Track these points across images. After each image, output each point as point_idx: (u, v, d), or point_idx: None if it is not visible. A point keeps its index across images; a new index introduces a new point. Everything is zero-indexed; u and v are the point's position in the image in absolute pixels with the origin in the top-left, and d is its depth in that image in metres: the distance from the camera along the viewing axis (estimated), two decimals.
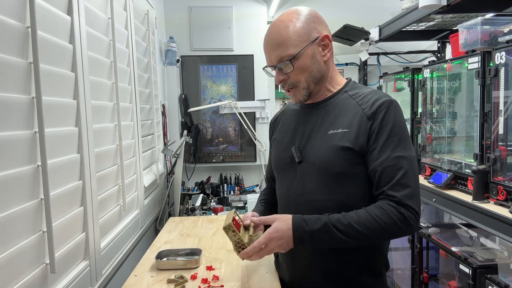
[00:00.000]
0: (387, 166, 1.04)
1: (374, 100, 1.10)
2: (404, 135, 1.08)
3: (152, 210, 2.34)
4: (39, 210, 1.02)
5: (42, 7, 1.07)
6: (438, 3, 1.59)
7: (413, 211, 1.02)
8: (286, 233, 1.06)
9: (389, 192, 1.03)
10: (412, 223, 1.03)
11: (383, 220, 1.02)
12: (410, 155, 1.07)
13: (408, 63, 2.74)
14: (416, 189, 1.05)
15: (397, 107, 1.10)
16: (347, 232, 1.02)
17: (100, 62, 1.51)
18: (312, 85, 1.15)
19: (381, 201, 1.04)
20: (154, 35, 2.61)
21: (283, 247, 1.07)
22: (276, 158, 1.28)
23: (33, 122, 1.00)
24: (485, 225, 1.34)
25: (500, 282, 1.31)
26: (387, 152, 1.05)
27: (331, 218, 1.04)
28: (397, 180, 1.03)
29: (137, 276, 1.45)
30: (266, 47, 1.16)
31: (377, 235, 1.04)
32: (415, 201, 1.03)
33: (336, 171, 1.09)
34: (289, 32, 1.11)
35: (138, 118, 2.00)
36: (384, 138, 1.06)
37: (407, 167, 1.04)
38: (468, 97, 1.66)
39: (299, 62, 1.11)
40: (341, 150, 1.08)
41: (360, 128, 1.08)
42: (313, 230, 1.04)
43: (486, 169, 1.41)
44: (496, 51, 1.35)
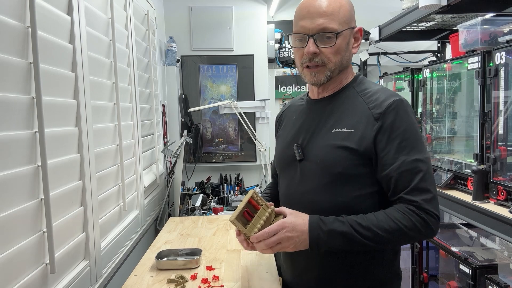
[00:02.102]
0: (403, 170, 0.99)
1: (382, 100, 1.04)
2: (418, 136, 1.03)
3: (152, 210, 2.34)
4: (39, 210, 1.02)
5: (42, 7, 1.07)
6: (438, 3, 1.59)
7: (433, 215, 0.99)
8: (299, 227, 1.00)
9: (408, 197, 0.99)
10: (433, 227, 0.99)
11: (403, 223, 0.97)
12: (426, 157, 1.02)
13: (408, 63, 2.74)
14: (435, 192, 1.01)
15: (407, 106, 1.05)
16: (366, 235, 0.97)
17: (100, 62, 1.51)
18: (337, 71, 1.09)
19: (400, 205, 1.00)
20: (154, 35, 2.61)
21: (293, 242, 1.00)
22: (278, 155, 1.24)
23: (33, 122, 1.00)
24: (485, 225, 1.34)
25: (500, 282, 1.31)
26: (403, 156, 0.99)
27: (349, 219, 1.00)
28: (415, 184, 0.98)
29: (137, 276, 1.45)
30: (308, 11, 1.05)
31: (397, 239, 0.99)
32: (434, 205, 0.99)
33: (337, 171, 1.05)
34: (340, 7, 1.05)
35: (138, 118, 2.00)
36: (397, 141, 1.00)
37: (424, 170, 1.00)
38: (468, 97, 1.66)
39: (339, 41, 1.04)
40: (344, 150, 1.04)
41: (366, 130, 1.03)
42: (331, 229, 0.98)
43: (486, 169, 1.41)
44: (496, 51, 1.35)
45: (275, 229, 0.99)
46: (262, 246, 1.01)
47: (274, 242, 0.99)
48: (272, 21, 3.40)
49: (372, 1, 2.87)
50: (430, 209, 0.98)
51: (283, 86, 3.51)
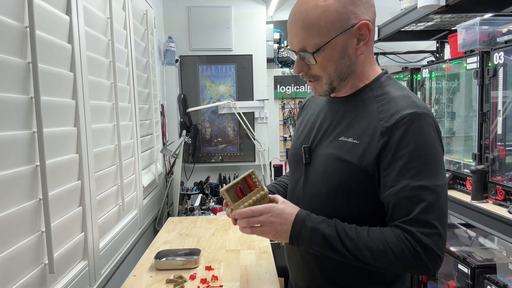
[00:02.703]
0: (402, 197, 0.86)
1: (395, 111, 0.90)
2: (430, 158, 0.88)
3: (151, 210, 2.34)
4: (38, 210, 1.02)
5: (41, 6, 1.06)
6: (437, 3, 1.59)
7: (433, 252, 0.84)
8: (285, 215, 0.94)
9: (404, 226, 0.86)
10: (430, 265, 0.85)
11: (392, 249, 0.86)
12: (436, 184, 0.86)
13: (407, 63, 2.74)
14: (441, 227, 0.85)
15: (424, 122, 0.88)
16: (348, 246, 0.88)
17: (99, 62, 1.51)
18: (337, 81, 0.97)
19: (398, 230, 0.88)
20: (153, 35, 2.60)
21: (275, 228, 0.94)
22: (291, 152, 1.16)
23: (32, 122, 1.00)
24: (484, 225, 1.34)
25: (498, 281, 1.31)
26: (405, 180, 0.86)
27: (338, 224, 0.91)
28: (415, 215, 0.85)
29: (136, 276, 1.45)
30: (289, 27, 0.96)
31: (380, 262, 0.88)
32: (436, 241, 0.84)
33: (335, 184, 0.96)
34: (319, 15, 0.89)
35: (137, 118, 2.00)
36: (402, 162, 0.87)
37: (430, 200, 0.85)
38: (467, 97, 1.66)
39: (325, 54, 0.92)
40: (343, 163, 0.94)
41: (370, 144, 0.91)
42: (314, 228, 0.91)
43: (484, 169, 1.41)
44: (494, 51, 1.35)
45: (261, 209, 0.95)
46: (243, 223, 0.96)
47: (256, 222, 0.94)
48: (271, 21, 3.40)
49: None
50: (429, 244, 0.84)
51: (282, 86, 3.51)
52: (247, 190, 1.04)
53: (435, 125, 0.92)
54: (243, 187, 1.03)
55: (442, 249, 0.86)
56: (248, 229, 0.96)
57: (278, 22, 3.41)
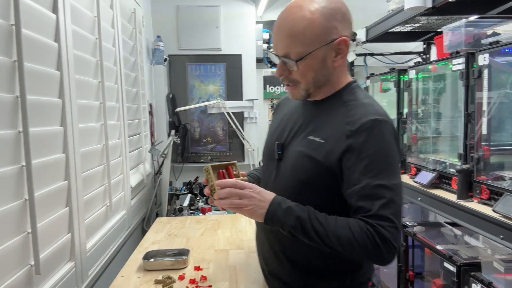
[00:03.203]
0: (364, 194, 0.95)
1: (359, 116, 0.99)
2: (389, 160, 0.97)
3: (139, 210, 2.32)
4: (24, 210, 1.00)
5: (27, 4, 1.05)
6: (424, 5, 1.61)
7: (390, 244, 0.93)
8: (265, 195, 1.00)
9: (367, 220, 0.94)
10: (386, 256, 0.94)
11: (355, 237, 0.93)
12: (394, 184, 0.96)
13: (394, 64, 2.77)
14: (397, 221, 0.95)
15: (385, 128, 0.98)
16: (318, 229, 0.95)
17: (86, 61, 1.50)
18: (313, 88, 1.05)
19: (362, 222, 0.95)
20: (141, 34, 2.58)
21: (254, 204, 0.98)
22: (265, 147, 1.23)
23: (17, 122, 0.99)
24: (469, 223, 1.36)
25: (483, 279, 1.34)
26: (366, 179, 0.95)
27: (310, 209, 0.98)
28: (375, 210, 0.93)
29: (124, 277, 1.43)
30: (275, 32, 1.03)
31: (345, 248, 0.95)
32: (393, 234, 0.93)
33: (301, 178, 1.04)
34: (305, 26, 0.97)
35: (125, 117, 1.99)
36: (364, 163, 0.95)
37: (388, 198, 0.94)
38: (453, 98, 1.69)
39: (306, 63, 1.00)
40: (309, 160, 1.02)
41: (336, 145, 0.99)
42: (289, 208, 0.98)
43: (470, 168, 1.43)
44: (479, 52, 1.38)
45: (243, 184, 1.01)
46: (224, 193, 1.00)
47: (237, 193, 0.99)
48: (260, 21, 3.40)
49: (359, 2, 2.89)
50: (388, 236, 0.92)
51: (271, 86, 3.52)
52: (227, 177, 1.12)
53: (393, 132, 1.01)
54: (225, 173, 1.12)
55: (398, 241, 0.96)
56: (226, 201, 1.00)
57: (267, 22, 3.42)
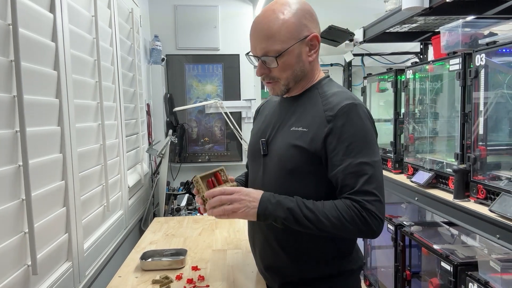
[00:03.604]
0: (348, 172, 1.03)
1: (336, 103, 1.08)
2: (367, 139, 1.06)
3: (136, 210, 2.32)
4: (21, 211, 1.00)
5: (24, 4, 1.05)
6: (421, 6, 1.61)
7: (376, 216, 1.02)
8: (253, 194, 1.07)
9: (352, 197, 1.03)
10: (375, 228, 1.03)
11: (343, 215, 1.02)
12: (374, 160, 1.05)
13: (392, 64, 2.77)
14: (380, 195, 1.04)
15: (360, 110, 1.07)
16: (308, 215, 1.03)
17: (83, 61, 1.49)
18: (292, 82, 1.14)
19: (347, 200, 1.04)
20: (139, 34, 2.58)
21: (245, 205, 1.06)
22: (249, 148, 1.30)
23: (14, 121, 0.98)
24: (466, 223, 1.36)
25: (480, 279, 1.34)
26: (349, 158, 1.03)
27: (298, 199, 1.06)
28: (359, 187, 1.02)
29: (122, 277, 1.43)
30: (252, 36, 1.12)
31: (336, 227, 1.03)
32: (378, 207, 1.02)
33: (289, 168, 1.11)
34: (280, 26, 1.07)
35: (122, 117, 1.98)
36: (346, 144, 1.04)
37: (370, 173, 1.03)
38: (450, 98, 1.70)
39: (284, 59, 1.09)
40: (296, 149, 1.09)
41: (318, 130, 1.07)
42: (278, 201, 1.05)
43: (466, 168, 1.44)
44: (476, 53, 1.38)
45: (231, 189, 1.09)
46: (215, 201, 1.07)
47: (227, 199, 1.06)
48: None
49: (356, 3, 2.89)
50: (373, 209, 1.01)
51: None
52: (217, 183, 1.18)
53: (368, 113, 1.11)
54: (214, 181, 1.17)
55: (383, 213, 1.04)
56: (219, 209, 1.07)
57: None
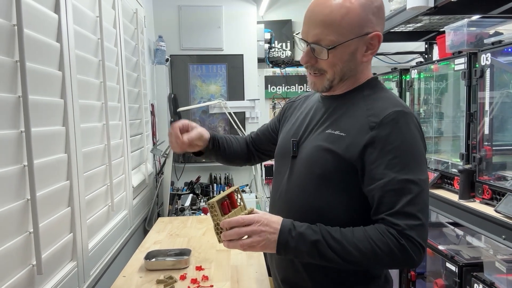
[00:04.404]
0: (389, 189, 0.89)
1: (383, 108, 0.95)
2: (415, 153, 0.92)
3: (140, 210, 2.32)
4: (26, 210, 1.00)
5: (29, 5, 1.05)
6: (426, 5, 1.61)
7: (417, 243, 0.87)
8: (273, 224, 0.93)
9: (390, 219, 0.89)
10: (415, 257, 0.88)
11: (379, 246, 0.87)
12: (420, 179, 0.91)
13: (396, 64, 2.76)
14: (424, 218, 0.89)
15: (410, 120, 0.94)
16: (336, 248, 0.89)
17: (88, 61, 1.50)
18: (338, 80, 1.01)
19: (381, 225, 0.90)
20: (143, 34, 2.59)
21: (264, 238, 0.91)
22: (279, 146, 1.18)
23: (20, 122, 0.99)
24: (471, 223, 1.36)
25: (485, 279, 1.33)
26: (392, 173, 0.89)
27: (322, 228, 0.92)
28: (400, 207, 0.88)
29: (126, 277, 1.44)
30: (307, 17, 0.98)
31: (369, 261, 0.90)
32: (420, 233, 0.88)
33: (317, 172, 0.99)
34: (343, 15, 0.93)
35: (127, 117, 1.99)
36: (390, 156, 0.90)
37: (415, 193, 0.89)
38: (455, 97, 1.69)
39: (337, 53, 0.96)
40: (328, 153, 0.97)
41: (357, 137, 0.94)
42: (301, 234, 0.91)
43: (472, 168, 1.43)
44: (481, 52, 1.37)
45: (250, 219, 0.92)
46: (232, 235, 0.92)
47: (245, 232, 0.92)
48: (262, 21, 3.40)
49: None
50: (414, 236, 0.87)
51: (273, 86, 3.52)
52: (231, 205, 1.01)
53: (418, 124, 0.97)
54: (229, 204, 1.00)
55: (425, 240, 0.90)
56: (236, 242, 0.93)
57: (269, 22, 3.42)
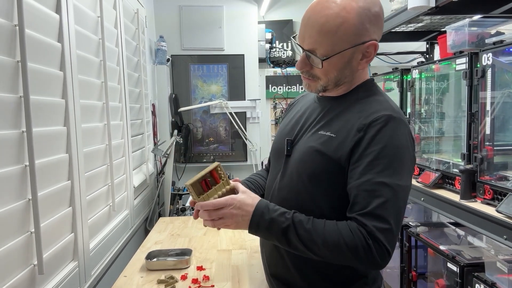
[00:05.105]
0: (363, 190, 0.90)
1: (373, 111, 0.95)
2: (397, 159, 0.92)
3: (142, 210, 2.32)
4: (27, 210, 1.01)
5: (30, 5, 1.05)
6: (427, 5, 1.60)
7: (382, 246, 0.88)
8: (246, 207, 0.96)
9: (360, 218, 0.90)
10: (379, 260, 0.88)
11: (346, 241, 0.89)
12: (398, 184, 0.91)
13: (397, 64, 2.76)
14: (394, 224, 0.89)
15: (398, 125, 0.94)
16: (304, 237, 0.91)
17: (89, 61, 1.50)
18: (332, 85, 1.02)
19: (353, 223, 0.91)
20: (144, 34, 2.59)
21: (236, 220, 0.96)
22: (274, 144, 1.20)
23: (21, 122, 0.99)
24: (472, 223, 1.35)
25: (487, 280, 1.33)
26: (369, 174, 0.90)
27: (295, 216, 0.94)
28: (371, 209, 0.88)
29: (127, 277, 1.44)
30: (304, 23, 0.97)
31: (333, 254, 0.91)
32: (387, 237, 0.88)
33: (308, 172, 1.00)
34: (338, 25, 0.92)
35: (128, 117, 1.99)
36: (370, 158, 0.91)
37: (387, 197, 0.89)
38: (456, 97, 1.68)
39: (331, 62, 0.96)
40: (318, 154, 0.99)
41: (346, 138, 0.96)
42: (272, 219, 0.94)
43: (473, 168, 1.43)
44: (483, 52, 1.37)
45: (222, 202, 0.97)
46: (205, 216, 0.99)
47: (217, 215, 0.97)
48: (263, 21, 3.40)
49: None
50: (381, 239, 0.87)
51: (274, 86, 3.52)
52: (212, 183, 1.04)
53: (408, 131, 0.97)
54: (209, 181, 1.04)
55: (393, 245, 0.90)
56: (209, 222, 0.99)
57: (270, 22, 3.42)
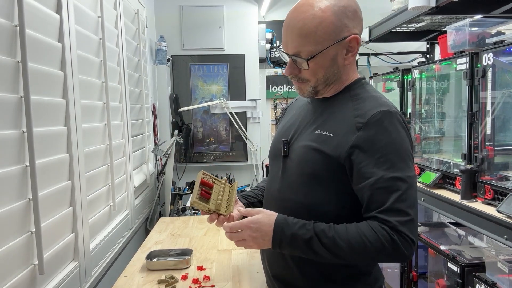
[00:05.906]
0: (378, 187, 0.92)
1: (369, 109, 0.98)
2: (401, 152, 0.95)
3: (142, 210, 2.32)
4: (28, 210, 1.01)
5: (31, 5, 1.05)
6: (427, 5, 1.60)
7: (408, 239, 0.91)
8: (264, 228, 0.98)
9: (381, 216, 0.92)
10: (406, 251, 0.91)
11: (370, 241, 0.91)
12: (408, 176, 0.94)
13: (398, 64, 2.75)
14: (414, 214, 0.93)
15: (395, 119, 0.97)
16: (329, 245, 0.93)
17: (90, 61, 1.50)
18: (322, 85, 1.04)
19: (374, 222, 0.93)
20: (145, 34, 2.59)
21: (257, 242, 0.99)
22: (271, 147, 1.22)
23: (21, 122, 0.99)
24: (473, 224, 1.35)
25: (487, 280, 1.33)
26: (381, 171, 0.92)
27: (316, 226, 0.96)
28: (390, 204, 0.91)
29: (127, 277, 1.44)
30: (285, 31, 1.01)
31: (361, 256, 0.94)
32: (410, 228, 0.91)
33: (308, 172, 1.02)
34: (316, 25, 0.96)
35: (128, 117, 1.99)
36: (377, 155, 0.93)
37: (403, 190, 0.92)
38: (457, 97, 1.68)
39: (317, 61, 0.99)
40: (317, 153, 1.00)
41: (345, 137, 0.97)
42: (294, 234, 0.95)
43: (474, 168, 1.42)
44: (483, 52, 1.37)
45: (239, 226, 1.00)
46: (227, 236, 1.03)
47: (237, 237, 1.01)
48: (263, 21, 3.40)
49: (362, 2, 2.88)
50: (405, 231, 0.91)
51: (274, 86, 3.52)
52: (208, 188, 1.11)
53: (404, 123, 0.99)
54: (205, 189, 1.10)
55: (416, 234, 0.93)
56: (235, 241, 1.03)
57: (270, 22, 3.42)
